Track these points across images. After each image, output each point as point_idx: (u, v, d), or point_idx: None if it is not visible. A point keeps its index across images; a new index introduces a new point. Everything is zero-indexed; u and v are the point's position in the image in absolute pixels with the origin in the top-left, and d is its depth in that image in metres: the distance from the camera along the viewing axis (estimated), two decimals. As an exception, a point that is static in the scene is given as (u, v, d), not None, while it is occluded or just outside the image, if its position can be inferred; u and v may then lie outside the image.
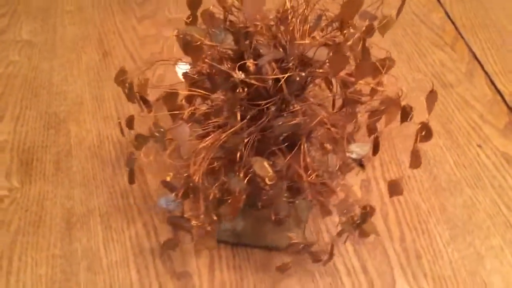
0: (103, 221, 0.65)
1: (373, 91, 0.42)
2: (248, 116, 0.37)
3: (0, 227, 0.64)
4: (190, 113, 0.42)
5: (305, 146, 0.38)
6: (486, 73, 0.84)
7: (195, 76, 0.44)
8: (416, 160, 0.39)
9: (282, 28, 0.37)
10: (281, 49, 0.37)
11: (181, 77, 0.50)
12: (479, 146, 0.74)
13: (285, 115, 0.36)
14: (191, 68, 0.50)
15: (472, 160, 0.72)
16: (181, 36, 0.45)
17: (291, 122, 0.35)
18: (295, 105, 0.37)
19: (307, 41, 0.36)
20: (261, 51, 0.36)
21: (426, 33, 0.89)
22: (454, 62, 0.85)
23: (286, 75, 0.34)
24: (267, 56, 0.34)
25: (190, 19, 0.48)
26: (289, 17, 0.36)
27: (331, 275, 0.61)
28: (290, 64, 0.36)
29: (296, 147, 0.38)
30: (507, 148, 0.74)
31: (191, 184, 0.41)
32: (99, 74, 0.80)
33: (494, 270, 0.62)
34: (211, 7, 0.49)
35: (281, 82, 0.36)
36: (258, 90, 0.36)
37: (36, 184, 0.68)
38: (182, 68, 0.50)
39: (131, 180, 0.55)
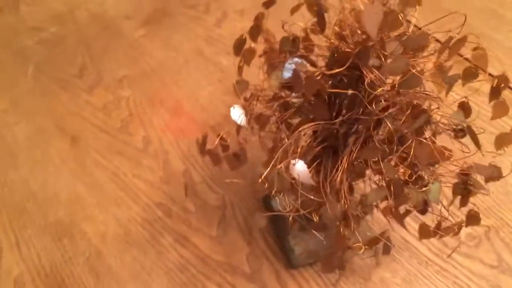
0: (178, 303, 0.60)
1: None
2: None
3: None
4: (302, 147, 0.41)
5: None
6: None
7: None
8: (501, 110, 0.44)
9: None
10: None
11: (238, 121, 0.48)
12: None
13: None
14: (245, 110, 0.49)
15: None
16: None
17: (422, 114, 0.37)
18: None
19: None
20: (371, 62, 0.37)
21: None
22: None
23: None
24: (397, 61, 0.35)
25: (242, 61, 0.46)
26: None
27: (407, 249, 0.65)
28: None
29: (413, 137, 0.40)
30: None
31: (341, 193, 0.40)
32: (79, 161, 0.72)
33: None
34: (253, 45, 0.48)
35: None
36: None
37: (83, 302, 0.60)
38: (237, 112, 0.48)
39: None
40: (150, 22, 0.91)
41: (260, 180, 0.39)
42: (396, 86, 0.36)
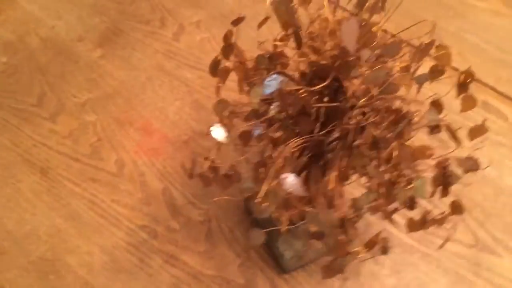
0: (176, 325, 0.60)
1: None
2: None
3: None
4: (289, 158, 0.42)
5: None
6: None
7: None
8: (469, 103, 0.46)
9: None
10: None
11: (220, 139, 0.48)
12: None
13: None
14: (225, 128, 0.49)
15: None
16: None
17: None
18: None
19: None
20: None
21: None
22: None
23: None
24: (377, 72, 0.37)
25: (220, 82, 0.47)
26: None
27: (391, 239, 0.67)
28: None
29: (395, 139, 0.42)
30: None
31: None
32: (53, 192, 0.70)
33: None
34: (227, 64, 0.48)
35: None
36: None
37: (79, 337, 0.59)
38: (218, 130, 0.48)
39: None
40: (105, 41, 0.89)
41: (256, 201, 0.40)
42: (376, 94, 0.37)
